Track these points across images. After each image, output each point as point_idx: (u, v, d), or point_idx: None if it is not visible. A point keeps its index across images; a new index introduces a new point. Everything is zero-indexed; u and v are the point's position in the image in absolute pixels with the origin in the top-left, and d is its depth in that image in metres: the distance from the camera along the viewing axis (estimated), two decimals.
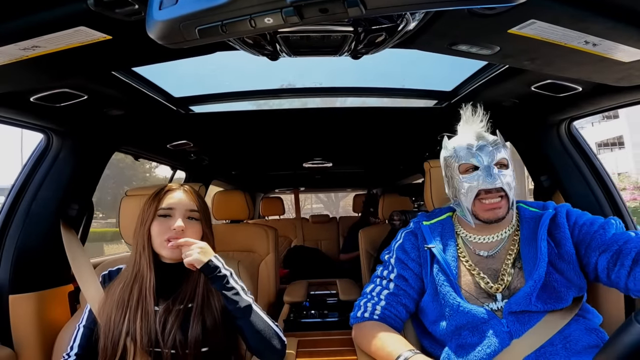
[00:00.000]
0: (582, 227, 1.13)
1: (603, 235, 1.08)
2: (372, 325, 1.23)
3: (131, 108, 1.58)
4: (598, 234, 1.09)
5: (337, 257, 4.37)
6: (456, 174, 1.21)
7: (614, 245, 1.05)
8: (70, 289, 1.60)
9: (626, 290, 1.03)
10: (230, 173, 3.84)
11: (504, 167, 1.17)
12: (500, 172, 1.15)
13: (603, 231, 1.09)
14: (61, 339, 1.41)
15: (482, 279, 1.16)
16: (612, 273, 1.04)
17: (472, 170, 1.18)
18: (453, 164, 1.22)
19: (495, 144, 1.18)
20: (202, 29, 0.63)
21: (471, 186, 1.17)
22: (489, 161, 1.16)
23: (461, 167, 1.20)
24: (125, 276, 1.16)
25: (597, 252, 1.08)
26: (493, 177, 1.14)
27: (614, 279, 1.04)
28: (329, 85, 1.73)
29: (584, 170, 1.72)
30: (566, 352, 1.04)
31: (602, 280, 1.09)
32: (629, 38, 0.87)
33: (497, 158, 1.16)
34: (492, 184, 1.14)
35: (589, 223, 1.13)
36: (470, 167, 1.18)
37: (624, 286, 1.03)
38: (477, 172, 1.16)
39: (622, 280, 1.02)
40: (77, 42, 0.87)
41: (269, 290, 2.18)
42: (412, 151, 2.89)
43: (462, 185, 1.19)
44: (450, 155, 1.23)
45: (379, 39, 0.94)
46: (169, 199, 1.18)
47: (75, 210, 1.64)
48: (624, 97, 1.35)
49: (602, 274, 1.07)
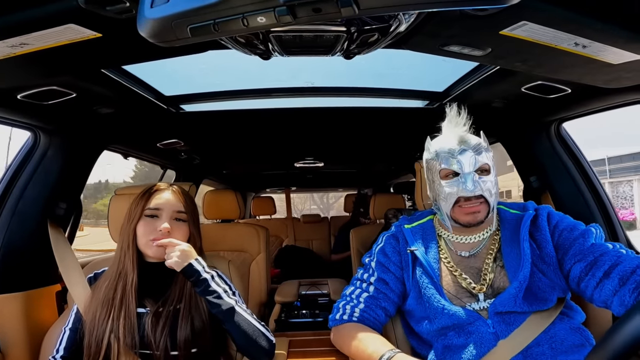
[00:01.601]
0: (563, 232, 1.14)
1: (582, 244, 1.09)
2: (351, 327, 1.23)
3: (121, 106, 1.56)
4: (577, 242, 1.10)
5: (329, 257, 4.37)
6: (437, 178, 1.20)
7: (590, 256, 1.06)
8: (58, 288, 1.58)
9: (590, 300, 1.05)
10: (221, 172, 3.83)
11: (485, 173, 1.16)
12: (481, 178, 1.14)
13: (583, 240, 1.10)
14: (49, 339, 1.39)
15: (464, 280, 1.17)
16: (582, 282, 1.06)
17: (453, 176, 1.17)
18: (434, 168, 1.21)
19: (477, 148, 1.16)
20: (194, 27, 0.62)
21: (451, 192, 1.16)
22: (470, 168, 1.14)
23: (442, 171, 1.18)
24: (110, 274, 1.16)
25: (573, 260, 1.09)
26: (473, 185, 1.13)
27: (582, 287, 1.06)
28: (321, 85, 1.73)
29: (572, 172, 1.74)
30: (552, 351, 1.05)
31: (572, 287, 1.11)
32: (618, 40, 0.87)
33: (478, 164, 1.15)
34: (472, 192, 1.13)
35: (569, 229, 1.14)
36: (450, 172, 1.17)
37: (590, 295, 1.05)
38: (458, 178, 1.15)
39: (590, 289, 1.04)
40: (67, 39, 0.86)
41: (260, 290, 2.17)
42: (403, 151, 2.90)
43: (442, 190, 1.18)
44: (431, 158, 1.23)
45: (372, 39, 0.94)
46: (157, 199, 1.18)
47: (63, 209, 1.62)
48: (613, 99, 1.37)
49: (573, 282, 1.09)
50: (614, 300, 0.98)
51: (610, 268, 1.01)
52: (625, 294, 0.96)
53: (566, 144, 1.78)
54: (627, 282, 0.97)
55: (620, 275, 0.98)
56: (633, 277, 0.96)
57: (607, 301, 1.00)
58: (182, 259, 1.09)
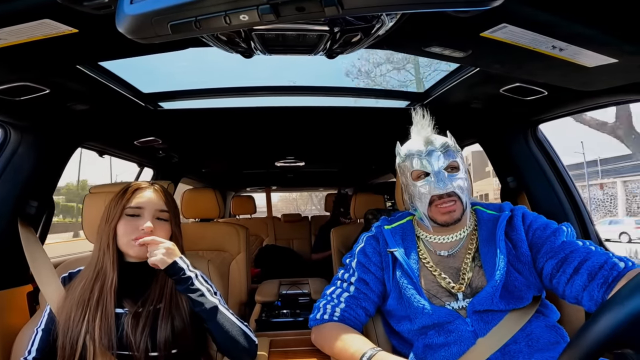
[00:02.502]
0: (536, 231, 1.17)
1: (553, 242, 1.12)
2: (332, 326, 1.23)
3: (96, 103, 1.52)
4: (549, 240, 1.13)
5: (309, 257, 4.36)
6: (410, 180, 1.23)
7: (561, 253, 1.09)
8: (29, 289, 1.53)
9: (562, 296, 1.08)
10: (200, 171, 3.78)
11: (454, 170, 1.19)
12: (451, 175, 1.17)
13: (554, 237, 1.13)
14: (20, 341, 1.34)
15: (444, 279, 1.18)
16: (554, 279, 1.09)
17: (424, 176, 1.20)
18: (406, 171, 1.25)
19: (444, 147, 1.20)
20: (175, 24, 0.61)
21: (424, 192, 1.19)
22: (439, 166, 1.18)
23: (413, 173, 1.22)
24: (87, 274, 1.13)
25: (545, 258, 1.11)
26: (444, 182, 1.16)
27: (554, 284, 1.09)
28: (303, 84, 1.72)
29: (547, 172, 1.78)
30: (529, 349, 1.07)
31: (545, 284, 1.13)
32: (593, 43, 0.90)
33: (447, 162, 1.18)
34: (444, 189, 1.16)
35: (542, 228, 1.17)
36: (421, 173, 1.21)
37: (562, 292, 1.08)
38: (429, 177, 1.19)
39: (561, 286, 1.07)
40: (41, 35, 0.83)
41: (240, 290, 2.15)
42: (384, 151, 2.92)
43: (415, 191, 1.22)
44: (402, 161, 1.27)
45: (355, 39, 0.94)
46: (138, 198, 1.15)
47: (34, 207, 1.57)
48: (587, 102, 1.41)
49: (546, 279, 1.12)
50: (584, 295, 1.01)
51: (579, 264, 1.04)
52: (594, 289, 0.99)
53: (542, 145, 1.82)
54: (596, 277, 1.00)
55: (589, 271, 1.01)
56: (601, 272, 1.00)
57: (577, 297, 1.03)
58: (167, 256, 1.07)
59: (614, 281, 0.97)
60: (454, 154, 1.20)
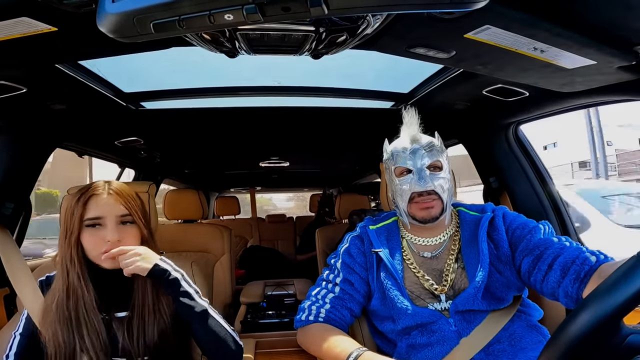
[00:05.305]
0: (516, 231, 1.18)
1: (530, 240, 1.13)
2: (317, 327, 1.23)
3: (76, 102, 1.48)
4: (526, 238, 1.14)
5: (294, 257, 4.35)
6: (393, 177, 1.25)
7: (537, 250, 1.10)
8: (6, 292, 1.49)
9: (541, 293, 1.10)
10: (183, 171, 3.73)
11: (437, 170, 1.21)
12: (433, 175, 1.19)
13: (530, 235, 1.14)
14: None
15: (427, 281, 1.19)
16: (531, 276, 1.10)
17: (407, 173, 1.21)
18: (390, 168, 1.26)
19: (429, 147, 1.21)
20: (158, 23, 0.59)
21: (405, 189, 1.20)
22: (422, 164, 1.19)
23: (396, 170, 1.24)
24: (57, 292, 1.04)
25: (521, 255, 1.13)
26: (425, 180, 1.17)
27: (532, 282, 1.10)
28: (288, 85, 1.71)
29: (528, 172, 1.81)
30: (512, 348, 1.09)
31: (525, 282, 1.15)
32: (573, 45, 0.91)
33: (430, 161, 1.19)
34: (424, 186, 1.17)
35: (521, 227, 1.18)
36: (404, 170, 1.22)
37: (540, 289, 1.09)
38: (411, 175, 1.20)
39: (538, 283, 1.08)
40: (19, 33, 0.81)
41: (224, 291, 2.12)
42: (368, 151, 2.93)
43: (397, 188, 1.23)
44: (388, 158, 1.28)
45: (340, 40, 0.94)
46: (96, 207, 1.04)
47: (10, 209, 1.53)
48: (567, 103, 1.43)
49: (525, 276, 1.13)
50: (559, 291, 1.02)
51: (552, 260, 1.05)
52: (567, 284, 1.00)
53: (523, 146, 1.85)
54: (568, 272, 1.01)
55: (562, 267, 1.02)
56: (573, 267, 1.00)
57: (554, 293, 1.04)
58: (144, 261, 1.02)
59: (586, 276, 0.97)
60: (438, 154, 1.21)
